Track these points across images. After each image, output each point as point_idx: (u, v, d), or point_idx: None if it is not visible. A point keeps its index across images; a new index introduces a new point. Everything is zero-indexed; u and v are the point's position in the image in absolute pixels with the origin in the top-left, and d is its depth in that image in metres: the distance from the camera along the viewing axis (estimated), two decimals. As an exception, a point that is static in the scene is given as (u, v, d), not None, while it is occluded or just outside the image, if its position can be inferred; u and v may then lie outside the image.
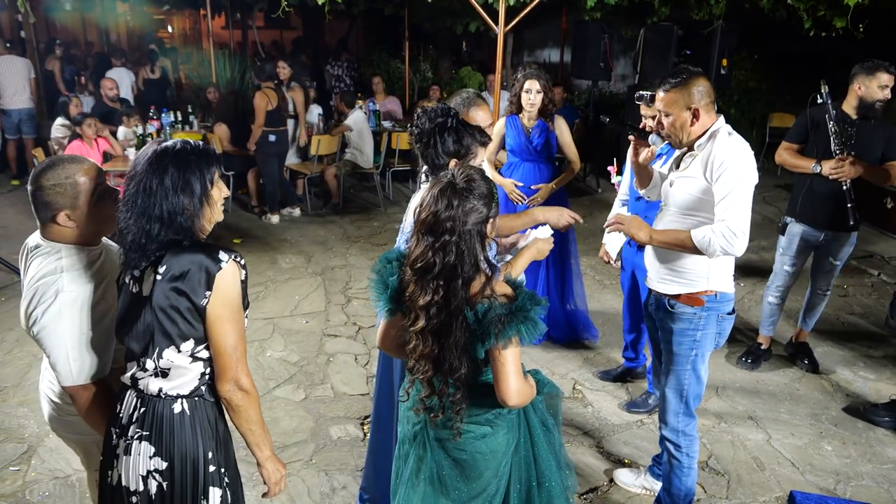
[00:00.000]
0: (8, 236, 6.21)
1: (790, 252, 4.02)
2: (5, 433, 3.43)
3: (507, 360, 1.76)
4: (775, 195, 8.00)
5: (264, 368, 4.13)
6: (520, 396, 1.82)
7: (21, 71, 8.18)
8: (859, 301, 5.30)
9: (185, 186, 1.68)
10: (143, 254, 1.68)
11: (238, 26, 14.40)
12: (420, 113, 2.40)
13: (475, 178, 1.81)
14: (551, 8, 8.62)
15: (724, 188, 2.34)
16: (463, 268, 1.74)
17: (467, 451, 1.92)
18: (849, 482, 3.19)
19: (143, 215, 1.66)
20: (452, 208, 1.73)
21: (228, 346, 1.71)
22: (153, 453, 1.74)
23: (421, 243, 1.78)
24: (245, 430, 1.81)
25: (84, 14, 14.10)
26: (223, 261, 1.69)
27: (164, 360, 1.72)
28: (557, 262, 4.41)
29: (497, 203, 1.88)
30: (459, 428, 1.88)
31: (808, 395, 3.94)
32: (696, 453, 2.72)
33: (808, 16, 6.18)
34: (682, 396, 2.66)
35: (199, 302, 1.67)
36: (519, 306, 1.74)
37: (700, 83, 2.41)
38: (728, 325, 2.63)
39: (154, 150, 1.71)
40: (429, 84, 10.08)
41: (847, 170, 3.56)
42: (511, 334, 1.72)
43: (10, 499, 2.97)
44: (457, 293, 1.75)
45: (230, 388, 1.74)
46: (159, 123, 7.25)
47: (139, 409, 1.76)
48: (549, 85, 4.14)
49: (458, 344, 1.77)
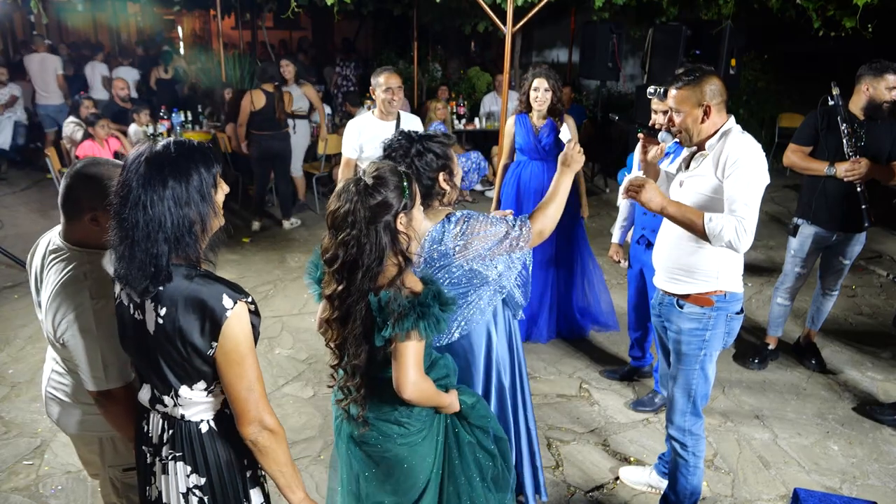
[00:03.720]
0: (21, 234, 6.28)
1: (801, 254, 3.99)
2: (19, 428, 3.48)
3: (405, 353, 1.80)
4: (784, 195, 7.98)
5: (273, 366, 4.16)
6: (416, 389, 1.84)
7: (54, 68, 8.71)
8: (867, 301, 5.28)
9: (188, 200, 1.54)
10: (153, 282, 1.55)
11: (247, 27, 14.47)
12: (388, 151, 2.36)
13: (384, 174, 1.85)
14: (559, 8, 8.62)
15: (737, 185, 2.34)
16: (363, 260, 1.78)
17: (378, 448, 1.98)
18: (855, 482, 3.19)
19: (148, 237, 1.51)
20: (352, 203, 1.79)
21: (243, 388, 1.60)
22: (190, 472, 1.72)
23: (329, 237, 1.86)
24: (275, 472, 1.71)
25: (95, 14, 14.21)
26: (228, 308, 1.55)
27: (181, 398, 1.67)
28: (566, 259, 4.43)
29: (414, 195, 1.90)
30: (362, 416, 1.93)
31: (815, 394, 3.94)
32: (702, 452, 2.72)
33: (817, 16, 6.15)
34: (690, 396, 2.65)
35: (206, 352, 1.59)
36: (421, 301, 1.77)
37: (713, 82, 2.42)
38: (737, 324, 2.62)
39: (146, 160, 1.52)
40: (437, 84, 10.10)
41: (862, 171, 3.56)
42: (408, 327, 1.75)
43: (23, 492, 3.02)
44: (357, 284, 1.80)
45: (254, 431, 1.63)
46: (170, 123, 7.31)
47: (167, 430, 1.73)
48: (559, 85, 4.14)
49: (356, 332, 1.83)
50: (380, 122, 4.26)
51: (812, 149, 3.83)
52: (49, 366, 2.09)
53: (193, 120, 7.93)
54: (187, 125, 7.71)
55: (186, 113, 7.82)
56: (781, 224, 6.97)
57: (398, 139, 2.36)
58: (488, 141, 8.55)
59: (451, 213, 2.36)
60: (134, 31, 17.32)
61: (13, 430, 3.47)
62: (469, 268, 2.35)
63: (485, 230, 2.30)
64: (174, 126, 7.32)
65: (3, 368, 4.06)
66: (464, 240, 2.29)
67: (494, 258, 2.38)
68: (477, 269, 2.37)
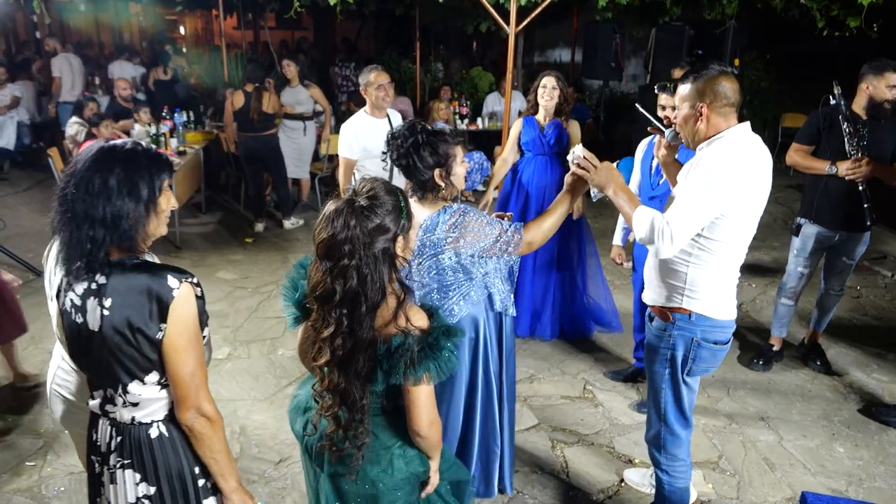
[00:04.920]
0: (23, 234, 6.27)
1: (804, 254, 3.99)
2: (22, 428, 3.47)
3: (420, 395, 1.65)
4: (787, 196, 7.96)
5: (276, 367, 4.15)
6: (434, 428, 1.72)
7: (76, 67, 9.09)
8: (872, 302, 5.26)
9: (131, 189, 1.56)
10: (88, 266, 1.56)
11: (250, 27, 14.47)
12: (390, 140, 2.40)
13: (379, 193, 1.65)
14: (562, 8, 8.61)
15: (687, 188, 2.16)
16: (367, 294, 1.58)
17: (367, 488, 1.79)
18: (861, 484, 3.18)
19: (86, 218, 1.54)
20: (349, 228, 1.57)
21: (186, 374, 1.61)
22: (139, 479, 1.69)
23: (319, 268, 1.62)
24: (209, 458, 1.71)
25: (97, 15, 14.22)
26: (174, 287, 1.57)
27: (131, 395, 1.65)
28: (569, 259, 4.43)
29: (411, 215, 1.72)
30: (358, 466, 1.73)
31: (821, 396, 3.92)
32: (681, 473, 2.53)
33: (821, 15, 6.15)
34: (661, 415, 2.49)
35: (154, 336, 1.58)
36: (432, 343, 1.61)
37: (722, 82, 2.20)
38: (708, 354, 2.35)
39: (101, 148, 1.60)
40: (440, 84, 10.10)
41: (864, 170, 3.55)
42: (422, 373, 1.60)
43: (26, 493, 3.01)
44: (362, 322, 1.60)
45: (191, 416, 1.64)
46: (172, 123, 7.30)
47: (115, 437, 1.70)
48: (565, 86, 4.24)
49: (360, 375, 1.64)
50: (375, 120, 4.29)
51: (814, 148, 3.84)
52: (55, 362, 2.11)
53: (196, 120, 7.92)
54: (190, 125, 7.70)
55: (189, 113, 7.81)
56: (785, 225, 6.95)
57: (402, 130, 2.39)
58: (490, 141, 8.54)
59: (448, 204, 2.40)
60: (136, 31, 17.33)
61: (16, 430, 3.46)
62: (457, 262, 2.39)
63: (479, 228, 2.34)
64: (177, 126, 7.31)
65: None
66: (456, 232, 2.32)
67: (483, 258, 2.40)
68: (465, 265, 2.41)
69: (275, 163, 6.79)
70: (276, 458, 3.26)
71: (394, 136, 2.39)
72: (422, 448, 1.79)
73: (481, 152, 2.82)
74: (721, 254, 2.25)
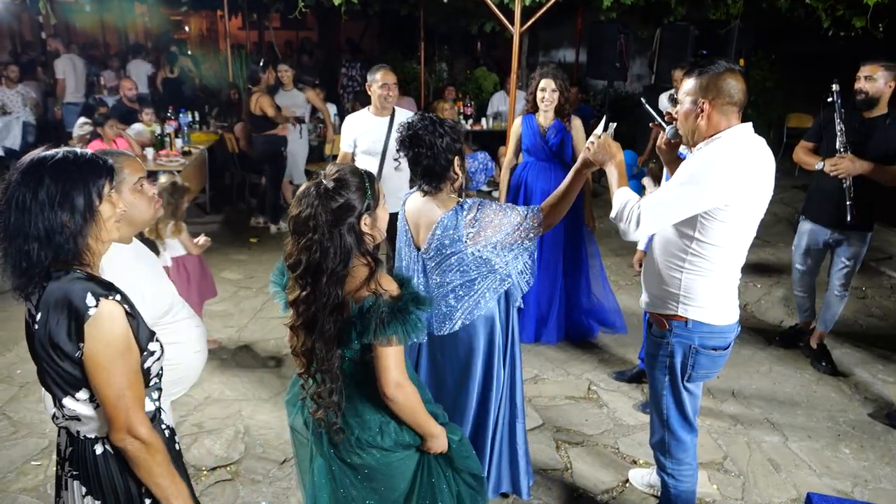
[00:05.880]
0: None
1: (799, 250, 4.18)
2: (27, 428, 3.48)
3: (387, 355, 1.78)
4: (792, 196, 7.93)
5: (280, 367, 4.16)
6: (400, 390, 1.82)
7: (79, 69, 9.18)
8: (878, 303, 5.25)
9: (63, 201, 1.49)
10: (28, 280, 1.52)
11: (255, 27, 14.49)
12: (405, 128, 2.39)
13: (345, 175, 1.82)
14: (567, 8, 8.58)
15: (673, 178, 2.15)
16: (327, 264, 1.76)
17: (364, 457, 1.90)
18: (867, 485, 3.16)
19: (19, 234, 1.48)
20: (313, 207, 1.76)
21: (111, 394, 1.52)
22: (85, 493, 1.66)
23: (291, 242, 1.83)
24: (149, 482, 1.61)
25: (102, 15, 14.25)
26: (91, 307, 1.48)
27: (67, 409, 1.59)
28: (573, 260, 4.41)
29: (377, 195, 1.87)
30: (337, 424, 1.87)
31: (826, 397, 3.91)
32: (685, 477, 2.52)
33: (826, 15, 6.12)
34: (663, 419, 2.47)
35: (73, 354, 1.51)
36: (401, 307, 1.75)
37: (727, 79, 2.13)
38: (707, 360, 2.32)
39: (31, 160, 1.52)
40: (444, 84, 10.10)
41: (845, 166, 3.58)
42: (390, 334, 1.73)
43: (32, 493, 3.02)
44: (322, 289, 1.77)
45: (122, 438, 1.55)
46: (177, 123, 7.33)
47: (68, 447, 1.68)
48: (566, 85, 4.14)
49: (325, 336, 1.79)
50: (375, 118, 4.31)
51: (817, 146, 3.96)
52: None
53: (201, 120, 7.94)
54: (195, 125, 7.72)
55: (194, 113, 7.83)
56: (790, 225, 6.93)
57: (421, 118, 2.40)
58: (495, 141, 8.54)
59: (463, 200, 2.42)
60: (142, 32, 17.36)
61: (21, 430, 3.47)
62: (479, 255, 2.39)
63: (498, 219, 2.36)
64: (181, 126, 7.33)
65: (11, 369, 4.07)
66: (477, 226, 2.35)
67: (506, 247, 2.40)
68: (487, 257, 2.41)
69: (272, 165, 6.74)
70: (280, 458, 3.27)
71: (414, 125, 2.38)
72: (396, 412, 1.87)
73: (485, 153, 2.83)
74: (717, 258, 2.21)
